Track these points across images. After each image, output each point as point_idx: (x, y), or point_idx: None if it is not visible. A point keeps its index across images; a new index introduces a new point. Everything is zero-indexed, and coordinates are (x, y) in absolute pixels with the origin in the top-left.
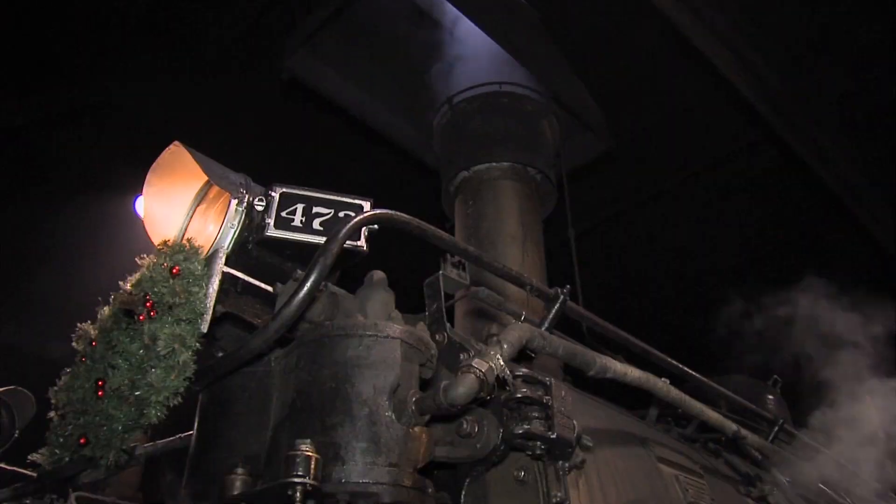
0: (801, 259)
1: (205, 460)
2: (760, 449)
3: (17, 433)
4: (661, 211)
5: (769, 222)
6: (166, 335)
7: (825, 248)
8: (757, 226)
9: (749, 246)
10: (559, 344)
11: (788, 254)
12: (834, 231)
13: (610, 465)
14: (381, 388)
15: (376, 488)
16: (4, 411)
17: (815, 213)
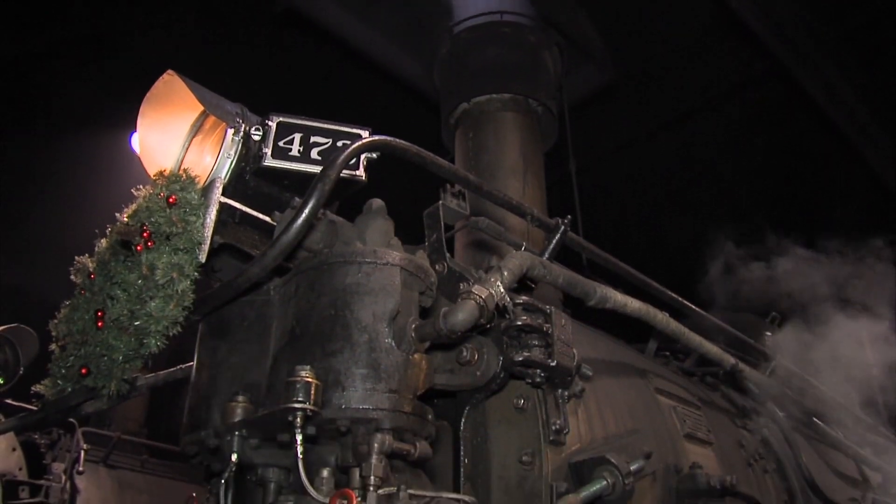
0: (805, 195)
1: (205, 389)
2: (757, 383)
3: (21, 370)
4: (663, 145)
5: (773, 158)
6: (164, 265)
7: (830, 185)
8: (760, 161)
9: (752, 182)
10: (560, 273)
11: (793, 190)
12: (839, 168)
13: (608, 394)
14: (380, 315)
15: (376, 414)
16: (9, 349)
17: (819, 148)
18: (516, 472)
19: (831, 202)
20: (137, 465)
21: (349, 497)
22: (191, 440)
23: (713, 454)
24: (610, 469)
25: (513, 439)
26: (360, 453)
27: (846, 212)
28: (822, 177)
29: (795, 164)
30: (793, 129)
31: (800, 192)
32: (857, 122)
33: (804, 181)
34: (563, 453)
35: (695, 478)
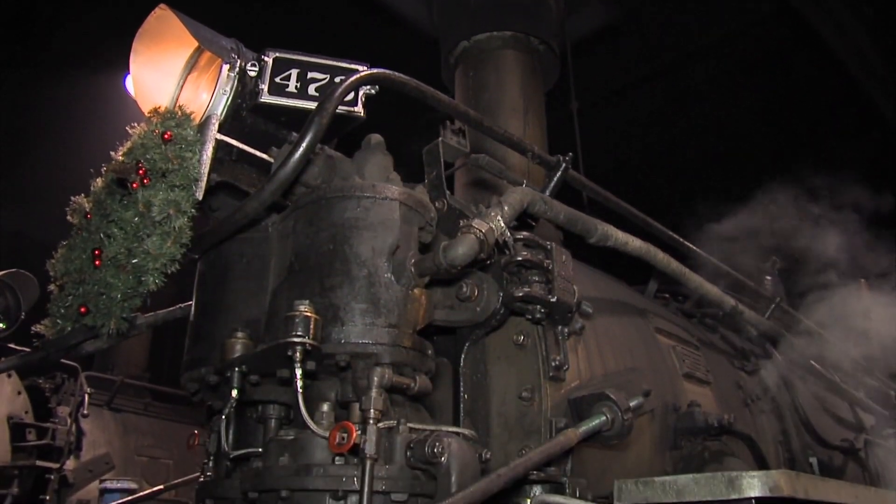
0: (811, 139)
1: (205, 326)
2: (756, 325)
3: (23, 314)
4: (667, 87)
5: (778, 101)
6: (160, 201)
7: (837, 129)
8: (765, 105)
9: (756, 126)
10: (560, 209)
11: (798, 134)
12: (847, 111)
13: (608, 332)
14: (379, 250)
15: (375, 349)
16: (9, 293)
17: (827, 91)
18: (516, 407)
19: (838, 147)
20: (141, 409)
21: (349, 430)
22: (191, 377)
23: (711, 394)
24: (609, 405)
25: (512, 375)
26: (360, 388)
27: (854, 156)
28: (829, 121)
29: (802, 107)
30: (800, 72)
31: (806, 136)
32: (868, 64)
33: (810, 125)
34: (563, 389)
35: (693, 416)
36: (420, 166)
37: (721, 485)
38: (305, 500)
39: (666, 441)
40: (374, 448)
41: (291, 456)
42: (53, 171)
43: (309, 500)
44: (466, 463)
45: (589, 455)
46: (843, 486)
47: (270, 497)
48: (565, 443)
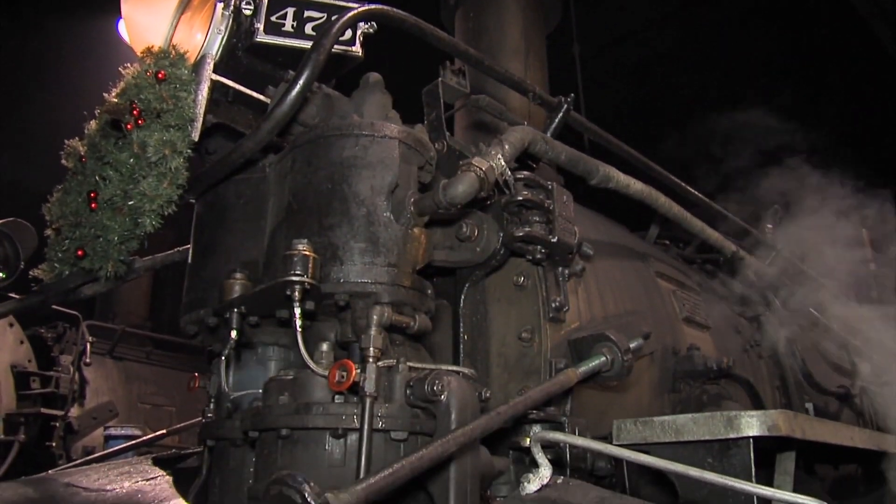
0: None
1: (203, 268)
2: (757, 271)
3: (22, 264)
4: (670, 33)
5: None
6: (156, 142)
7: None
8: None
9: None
10: (562, 149)
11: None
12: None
13: (609, 275)
14: (378, 189)
15: (375, 288)
16: (7, 243)
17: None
18: (515, 348)
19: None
20: (143, 357)
21: (348, 368)
22: (190, 320)
23: (710, 338)
24: (609, 346)
25: (512, 316)
26: (359, 327)
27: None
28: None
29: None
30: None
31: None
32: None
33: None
34: (563, 331)
35: (692, 359)
36: (419, 110)
37: (719, 424)
38: (305, 439)
39: (665, 384)
40: (373, 386)
41: (291, 395)
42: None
43: (309, 439)
44: (466, 401)
45: (588, 397)
46: (840, 428)
47: (270, 436)
48: (565, 382)
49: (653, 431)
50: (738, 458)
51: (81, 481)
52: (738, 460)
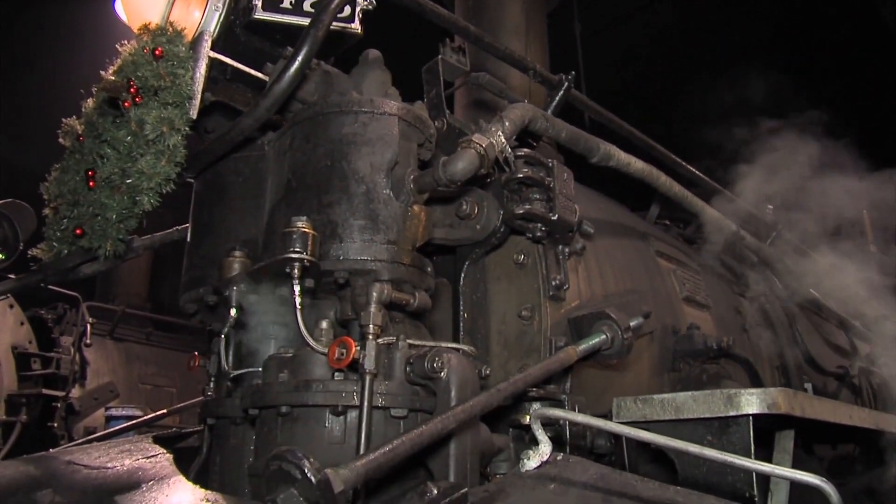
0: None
1: (202, 247)
2: (757, 252)
3: (21, 245)
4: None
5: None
6: (153, 119)
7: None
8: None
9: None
10: (562, 127)
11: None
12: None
13: (609, 253)
14: (378, 166)
15: (374, 265)
16: (6, 224)
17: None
18: (515, 326)
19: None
20: (143, 338)
21: (348, 345)
22: (189, 298)
23: (710, 318)
24: (609, 324)
25: (512, 295)
26: (359, 304)
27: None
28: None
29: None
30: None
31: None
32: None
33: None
34: (563, 309)
35: (692, 338)
36: (419, 88)
37: (719, 402)
38: (305, 416)
39: (664, 363)
40: (373, 363)
41: (291, 372)
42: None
43: (309, 416)
44: (466, 378)
45: (588, 375)
46: (839, 406)
47: (270, 414)
48: (565, 359)
49: (652, 409)
50: (737, 435)
51: (82, 459)
52: (738, 438)
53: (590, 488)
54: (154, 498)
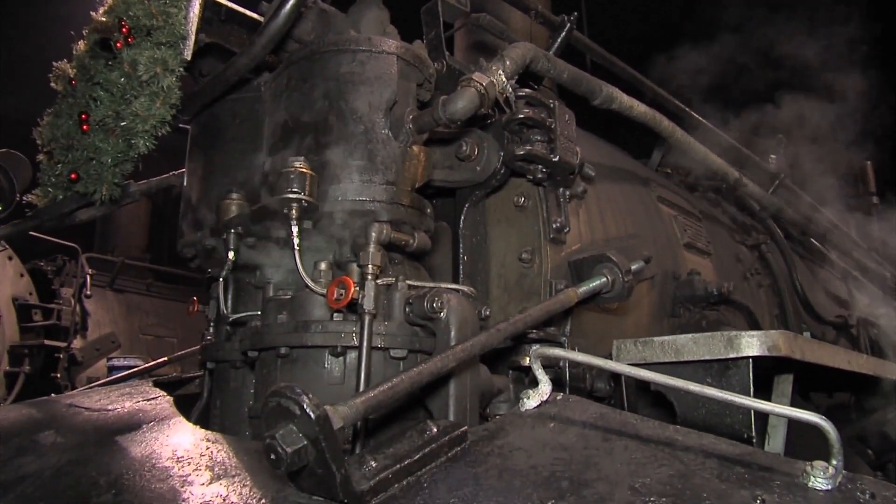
0: None
1: (199, 190)
2: (759, 199)
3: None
4: None
5: None
6: (146, 60)
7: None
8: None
9: None
10: (564, 68)
11: None
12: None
13: (610, 198)
14: (376, 105)
15: (373, 206)
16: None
17: None
18: (515, 269)
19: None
20: (143, 289)
21: (347, 285)
22: (187, 242)
23: (711, 265)
24: (610, 266)
25: (512, 237)
26: (358, 246)
27: None
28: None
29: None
30: None
31: None
32: None
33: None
34: (563, 252)
35: (692, 283)
36: (418, 29)
37: (720, 344)
38: (304, 357)
39: (664, 309)
40: (372, 303)
41: (290, 314)
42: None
43: (308, 357)
44: (466, 318)
45: (588, 319)
46: (838, 351)
47: (269, 355)
48: (565, 301)
49: (652, 351)
50: (737, 378)
51: (83, 402)
52: (738, 380)
53: (589, 427)
54: (154, 438)
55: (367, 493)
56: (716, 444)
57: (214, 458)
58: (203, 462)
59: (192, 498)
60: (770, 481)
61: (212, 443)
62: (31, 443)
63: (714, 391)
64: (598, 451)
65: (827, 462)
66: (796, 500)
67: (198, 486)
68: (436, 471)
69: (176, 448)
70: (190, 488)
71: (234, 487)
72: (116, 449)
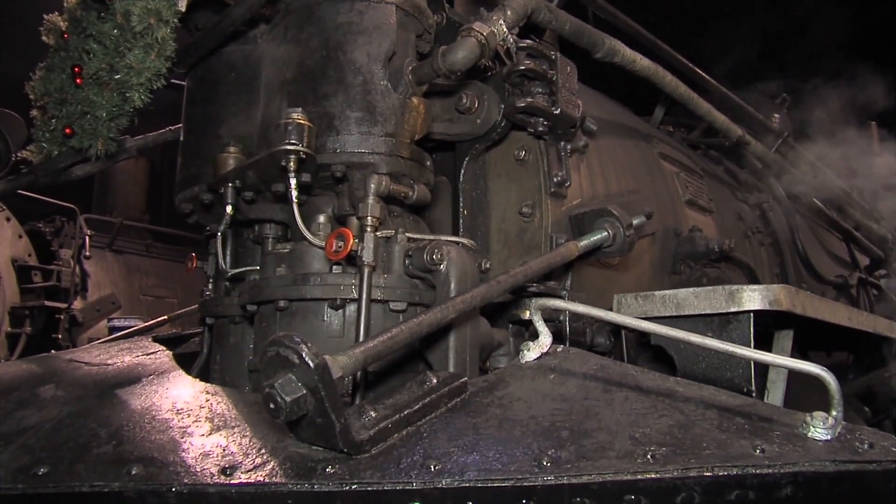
0: None
1: (196, 144)
2: (762, 158)
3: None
4: None
5: None
6: (140, 10)
7: None
8: None
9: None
10: (566, 19)
11: None
12: None
13: (612, 153)
14: (375, 56)
15: (372, 158)
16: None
17: None
18: (516, 223)
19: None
20: (142, 250)
21: (346, 236)
22: (184, 197)
23: (712, 222)
24: (611, 221)
25: (513, 191)
26: (357, 198)
27: None
28: None
29: None
30: None
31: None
32: None
33: None
34: (564, 206)
35: (693, 240)
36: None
37: (721, 298)
38: (303, 310)
39: (665, 265)
40: (371, 255)
41: (289, 267)
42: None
43: (307, 310)
44: (466, 270)
45: (588, 274)
46: (839, 307)
47: (268, 309)
48: (566, 254)
49: (653, 305)
50: (737, 332)
51: (83, 357)
52: (738, 335)
53: (590, 378)
54: (154, 391)
55: (366, 443)
56: (716, 395)
57: (214, 409)
58: (203, 414)
59: (192, 448)
60: (770, 431)
61: (211, 395)
62: (31, 396)
63: (715, 342)
64: (598, 401)
65: (827, 413)
66: (795, 449)
67: (197, 437)
68: (435, 421)
69: (175, 400)
70: (190, 439)
71: (234, 438)
72: (116, 402)
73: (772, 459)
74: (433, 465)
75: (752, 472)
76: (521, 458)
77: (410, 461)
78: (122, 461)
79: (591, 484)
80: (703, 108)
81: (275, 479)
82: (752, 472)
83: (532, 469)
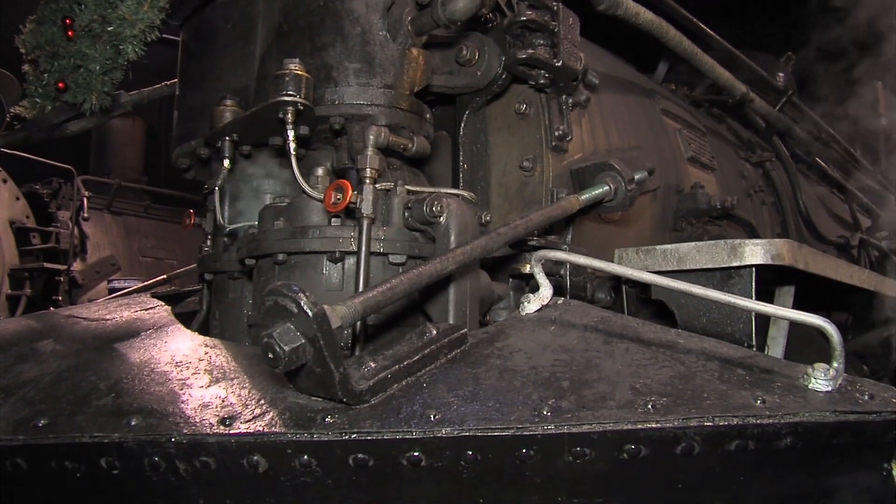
0: None
1: (192, 98)
2: (765, 116)
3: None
4: None
5: None
6: None
7: None
8: None
9: None
10: None
11: None
12: None
13: (614, 108)
14: (373, 6)
15: (371, 110)
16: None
17: None
18: (516, 178)
19: None
20: (141, 211)
21: (344, 188)
22: (181, 152)
23: (714, 180)
24: (613, 175)
25: (514, 145)
26: (356, 150)
27: None
28: None
29: None
30: None
31: None
32: None
33: None
34: (565, 161)
35: (695, 197)
36: None
37: (723, 252)
38: (302, 263)
39: (667, 222)
40: (370, 207)
41: (287, 220)
42: None
43: (306, 263)
44: (466, 222)
45: (589, 229)
46: (841, 264)
47: (267, 263)
48: (567, 207)
49: (654, 259)
50: (739, 287)
51: (82, 313)
52: (740, 290)
53: (590, 330)
54: (153, 344)
55: (366, 393)
56: (717, 347)
57: (213, 362)
58: (202, 366)
59: (191, 400)
60: (771, 382)
61: (210, 348)
62: (30, 350)
63: (717, 294)
64: (598, 352)
65: (828, 364)
66: (796, 400)
67: (196, 388)
68: (435, 371)
69: (174, 353)
70: (189, 391)
71: (233, 389)
72: (115, 355)
73: (772, 410)
74: (433, 415)
75: (753, 422)
76: (521, 408)
77: (410, 411)
78: (122, 413)
79: (592, 433)
80: (707, 65)
81: (274, 428)
82: (753, 422)
83: (532, 418)
